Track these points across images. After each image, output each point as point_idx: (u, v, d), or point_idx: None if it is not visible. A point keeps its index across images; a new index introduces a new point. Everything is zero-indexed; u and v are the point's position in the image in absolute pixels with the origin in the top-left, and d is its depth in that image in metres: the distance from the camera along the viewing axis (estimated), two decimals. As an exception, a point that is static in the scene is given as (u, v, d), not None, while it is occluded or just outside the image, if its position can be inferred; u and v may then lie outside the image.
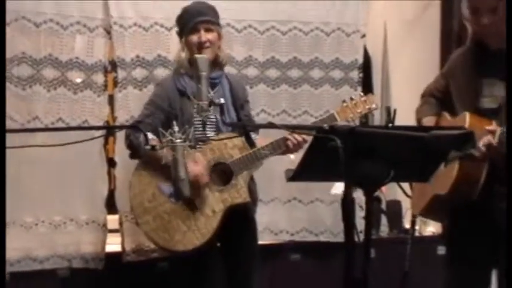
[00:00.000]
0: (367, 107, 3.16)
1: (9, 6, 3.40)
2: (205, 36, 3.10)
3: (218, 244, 3.19)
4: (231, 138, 3.05)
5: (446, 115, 2.81)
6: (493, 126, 2.45)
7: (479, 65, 2.64)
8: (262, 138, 3.19)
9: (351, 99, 3.15)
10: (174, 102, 3.11)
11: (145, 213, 3.05)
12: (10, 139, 3.12)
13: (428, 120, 2.85)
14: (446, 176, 2.57)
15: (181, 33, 3.19)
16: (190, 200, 2.96)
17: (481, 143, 2.44)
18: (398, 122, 2.17)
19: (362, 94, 3.24)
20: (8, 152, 3.23)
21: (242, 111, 3.21)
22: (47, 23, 3.51)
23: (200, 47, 3.09)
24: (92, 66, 3.61)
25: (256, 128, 3.29)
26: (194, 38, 3.10)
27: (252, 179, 3.20)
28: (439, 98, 2.88)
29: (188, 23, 3.12)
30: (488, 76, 2.60)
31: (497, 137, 2.39)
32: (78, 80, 3.60)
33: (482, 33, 2.62)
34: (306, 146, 2.95)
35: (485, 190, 2.54)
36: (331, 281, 3.12)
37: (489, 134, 2.43)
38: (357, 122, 3.42)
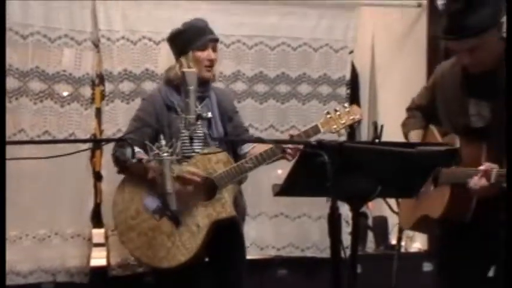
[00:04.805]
0: (351, 117, 3.13)
1: (-4, 18, 3.40)
2: (213, 54, 3.12)
3: (206, 259, 3.18)
4: (215, 153, 3.04)
5: (434, 130, 2.80)
6: (487, 165, 2.44)
7: (465, 84, 2.63)
8: (258, 147, 3.13)
9: (335, 110, 3.13)
10: (162, 117, 3.10)
11: (130, 231, 3.04)
12: (-5, 151, 3.12)
13: (415, 134, 2.84)
14: (438, 199, 2.57)
15: (185, 48, 3.12)
16: (174, 216, 2.95)
17: (474, 182, 2.43)
18: (386, 137, 2.17)
19: (346, 106, 3.23)
20: (-7, 164, 3.20)
21: (230, 123, 3.20)
22: (34, 36, 3.50)
23: (211, 64, 3.10)
24: (80, 79, 3.60)
25: (243, 142, 3.27)
26: (203, 54, 3.09)
27: (240, 193, 3.19)
28: (424, 110, 2.88)
29: (198, 39, 3.10)
30: (475, 96, 2.60)
31: (493, 177, 2.39)
32: (65, 93, 3.59)
33: (465, 65, 2.61)
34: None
35: (476, 214, 2.53)
36: (318, 297, 3.11)
37: (483, 175, 2.41)
38: (344, 133, 3.40)
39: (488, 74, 2.53)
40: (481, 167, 2.43)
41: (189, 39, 3.12)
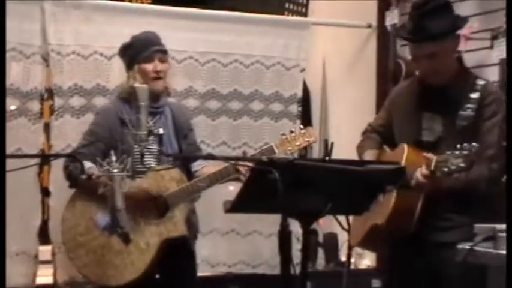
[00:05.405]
0: (306, 139, 3.13)
1: None
2: (161, 66, 3.07)
3: (157, 276, 3.14)
4: (167, 169, 3.01)
5: (386, 149, 2.87)
6: (429, 155, 2.51)
7: (420, 99, 2.73)
8: (210, 166, 3.12)
9: (291, 131, 3.12)
10: (115, 131, 3.05)
11: (78, 248, 2.98)
12: None
13: (369, 154, 2.90)
14: (384, 206, 2.62)
15: (132, 61, 3.10)
16: (124, 233, 2.90)
17: (417, 172, 2.50)
18: (336, 155, 2.20)
19: (302, 127, 3.24)
20: None
21: (185, 140, 3.18)
22: (-20, 49, 3.43)
23: (157, 76, 3.05)
24: (27, 94, 3.54)
25: (196, 159, 3.26)
26: (149, 66, 3.05)
27: (193, 211, 3.17)
28: (381, 132, 2.94)
29: (143, 51, 3.06)
30: (429, 110, 2.69)
31: (433, 164, 2.45)
32: (12, 107, 3.52)
33: (423, 75, 2.72)
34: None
35: (420, 223, 2.59)
36: (268, 314, 3.11)
37: (425, 162, 2.48)
38: (296, 154, 3.45)
39: (442, 89, 2.64)
40: (425, 154, 2.50)
41: (135, 51, 3.09)
